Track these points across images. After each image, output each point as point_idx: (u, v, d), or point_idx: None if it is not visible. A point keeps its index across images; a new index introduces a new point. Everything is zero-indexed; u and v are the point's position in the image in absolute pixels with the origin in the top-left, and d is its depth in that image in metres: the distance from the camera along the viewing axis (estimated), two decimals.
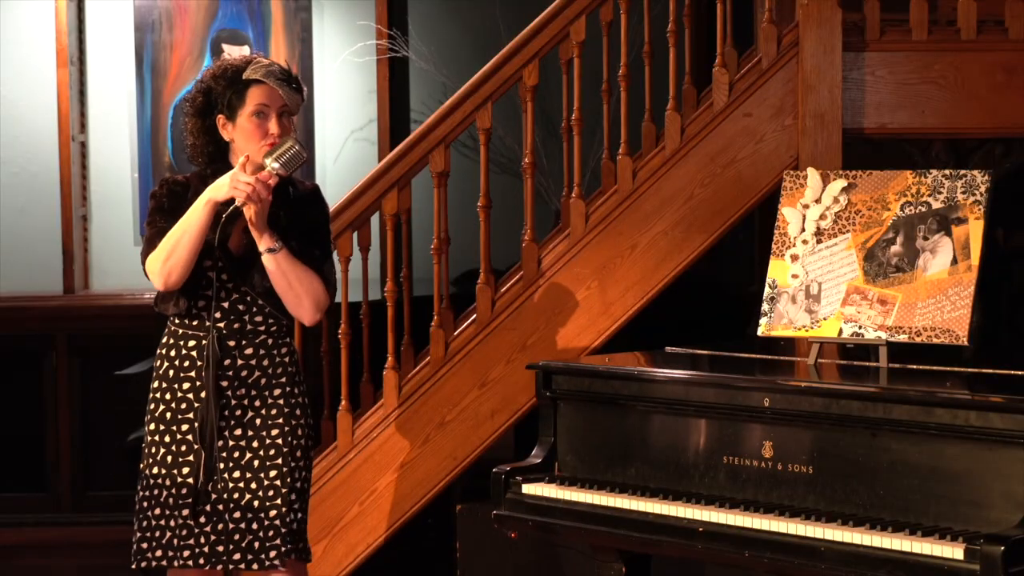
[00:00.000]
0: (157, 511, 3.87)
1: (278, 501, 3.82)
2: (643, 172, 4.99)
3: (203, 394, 3.85)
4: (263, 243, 3.79)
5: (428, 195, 5.06)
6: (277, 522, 3.81)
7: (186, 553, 3.86)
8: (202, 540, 3.85)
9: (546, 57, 5.00)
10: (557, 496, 3.89)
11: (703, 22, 5.64)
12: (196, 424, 3.85)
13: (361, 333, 5.00)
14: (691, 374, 3.91)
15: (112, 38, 6.96)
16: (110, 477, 6.70)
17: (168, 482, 3.86)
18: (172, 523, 3.86)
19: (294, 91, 3.88)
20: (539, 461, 4.04)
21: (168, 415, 3.88)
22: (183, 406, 3.87)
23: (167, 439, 3.88)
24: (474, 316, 4.99)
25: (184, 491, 3.85)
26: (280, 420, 3.87)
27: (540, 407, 4.11)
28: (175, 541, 3.86)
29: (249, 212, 3.75)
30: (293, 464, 3.85)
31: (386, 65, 6.89)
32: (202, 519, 3.85)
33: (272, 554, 3.82)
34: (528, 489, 3.95)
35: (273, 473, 3.83)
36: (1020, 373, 3.65)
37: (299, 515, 3.87)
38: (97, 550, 6.51)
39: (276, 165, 3.77)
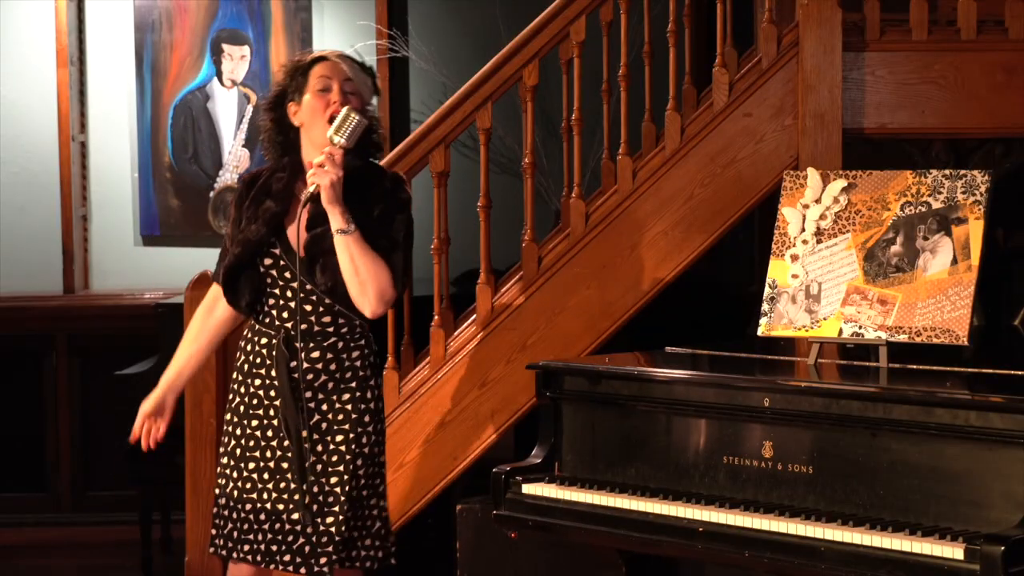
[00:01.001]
0: (223, 501, 3.88)
1: (335, 508, 3.77)
2: (643, 172, 4.99)
3: (273, 392, 3.82)
4: (335, 223, 3.73)
5: (428, 195, 5.06)
6: (332, 529, 3.76)
7: (245, 548, 3.85)
8: (259, 537, 3.83)
9: (546, 57, 5.00)
10: (557, 496, 3.89)
11: (703, 22, 5.64)
12: (265, 421, 3.84)
13: None
14: (691, 374, 3.91)
15: (112, 38, 6.97)
16: (110, 477, 6.70)
17: (235, 474, 3.86)
18: (234, 515, 3.86)
19: (360, 69, 3.88)
20: (539, 461, 4.03)
21: (241, 408, 3.88)
22: (254, 401, 3.85)
23: (238, 432, 3.87)
24: (474, 316, 4.99)
25: (248, 486, 3.84)
26: (346, 426, 3.80)
27: (540, 407, 4.11)
28: (235, 534, 3.86)
29: (321, 190, 3.71)
30: (354, 472, 3.79)
31: (386, 65, 6.89)
32: (262, 516, 3.82)
33: (323, 560, 3.77)
34: (528, 489, 3.95)
35: (334, 480, 3.78)
36: (1020, 373, 3.65)
37: (351, 523, 3.79)
38: (97, 550, 6.52)
39: (340, 139, 3.74)
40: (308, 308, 3.81)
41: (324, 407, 3.81)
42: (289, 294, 3.81)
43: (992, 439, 3.28)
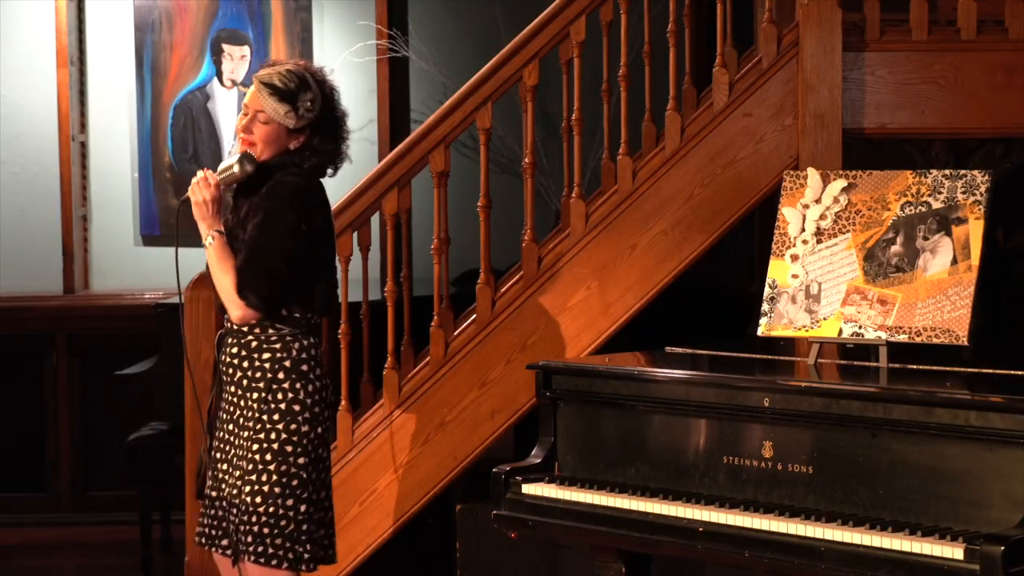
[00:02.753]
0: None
1: (247, 500, 3.87)
2: (643, 172, 4.99)
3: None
4: (202, 237, 3.95)
5: (428, 195, 5.06)
6: (237, 520, 3.89)
7: (197, 530, 4.04)
8: (205, 521, 4.01)
9: (546, 57, 5.00)
10: (557, 496, 3.89)
11: (703, 22, 5.63)
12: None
13: (361, 333, 5.00)
14: (691, 374, 3.91)
15: (112, 38, 6.97)
16: (110, 477, 6.71)
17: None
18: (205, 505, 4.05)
19: (273, 99, 3.91)
20: (539, 461, 4.03)
21: None
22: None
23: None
24: (474, 316, 4.99)
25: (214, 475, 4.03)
26: (250, 423, 3.90)
27: (540, 407, 4.11)
28: (204, 519, 4.03)
29: (192, 204, 3.95)
30: (261, 468, 3.86)
31: (386, 65, 6.90)
32: (206, 503, 4.00)
33: (248, 549, 3.88)
34: (528, 489, 3.95)
35: (238, 473, 3.90)
36: (1020, 373, 3.65)
37: (262, 519, 3.85)
38: (97, 550, 6.52)
39: (215, 175, 3.96)
40: None
41: (242, 402, 3.94)
42: None
43: (992, 439, 3.28)
